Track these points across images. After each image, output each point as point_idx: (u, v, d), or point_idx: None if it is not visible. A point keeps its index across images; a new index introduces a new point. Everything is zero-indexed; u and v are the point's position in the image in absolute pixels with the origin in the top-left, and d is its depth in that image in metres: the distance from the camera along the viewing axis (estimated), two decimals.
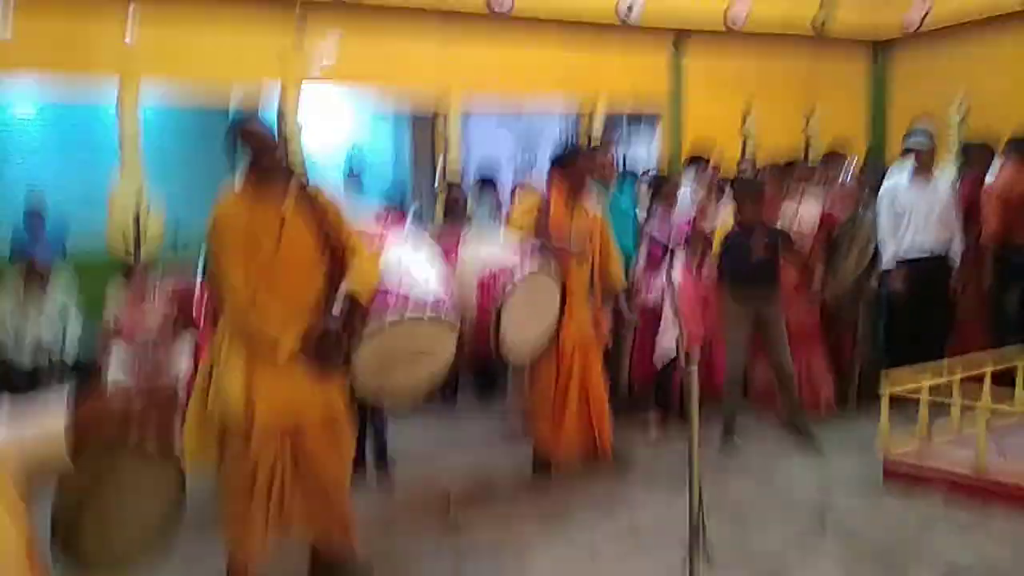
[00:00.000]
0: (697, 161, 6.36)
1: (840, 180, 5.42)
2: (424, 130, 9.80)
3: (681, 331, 2.38)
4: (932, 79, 8.19)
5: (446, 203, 5.69)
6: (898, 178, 5.39)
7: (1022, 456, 3.79)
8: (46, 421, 1.20)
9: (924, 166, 5.27)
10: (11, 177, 7.90)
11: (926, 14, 7.77)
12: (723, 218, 5.48)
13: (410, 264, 3.37)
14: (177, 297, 6.04)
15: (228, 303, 2.94)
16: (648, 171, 7.30)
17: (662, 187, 5.37)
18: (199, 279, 5.96)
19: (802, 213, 5.23)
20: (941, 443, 4.17)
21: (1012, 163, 5.33)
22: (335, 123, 9.93)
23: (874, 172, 5.97)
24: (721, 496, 3.98)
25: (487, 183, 6.40)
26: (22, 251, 6.46)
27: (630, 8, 7.63)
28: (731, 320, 4.76)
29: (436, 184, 7.61)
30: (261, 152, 2.91)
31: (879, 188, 5.46)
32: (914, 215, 5.23)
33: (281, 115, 6.61)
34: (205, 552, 3.13)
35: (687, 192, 5.97)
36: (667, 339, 4.91)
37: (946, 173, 5.56)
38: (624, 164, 10.95)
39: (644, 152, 11.23)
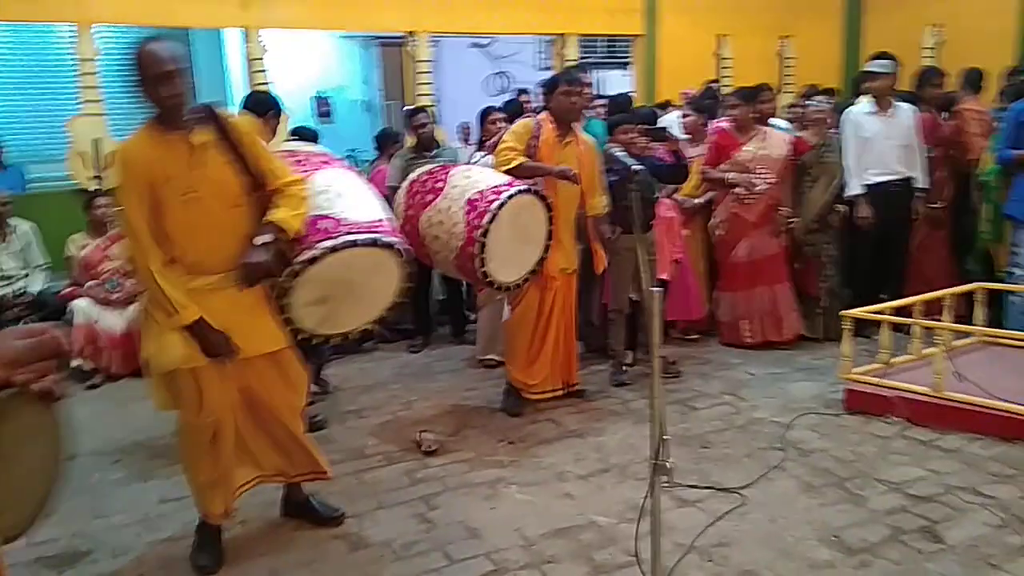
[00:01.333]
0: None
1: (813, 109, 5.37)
2: (393, 55, 9.57)
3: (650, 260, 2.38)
4: (907, 9, 8.13)
5: (413, 130, 5.60)
6: (860, 106, 5.38)
7: (979, 377, 3.88)
8: None
9: (882, 92, 5.25)
10: None
11: None
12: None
13: (343, 186, 3.14)
14: None
15: (130, 250, 2.69)
16: (625, 94, 7.22)
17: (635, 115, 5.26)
18: None
19: (771, 139, 5.19)
20: (901, 368, 4.28)
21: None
22: (301, 49, 9.66)
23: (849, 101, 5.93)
24: (687, 424, 4.09)
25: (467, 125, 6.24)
26: None
27: None
28: (618, 254, 4.63)
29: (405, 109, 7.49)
30: (162, 78, 2.58)
31: None
32: (876, 140, 5.23)
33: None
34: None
35: (674, 120, 5.93)
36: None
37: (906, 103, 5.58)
38: (600, 88, 10.84)
39: (619, 77, 11.08)
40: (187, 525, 3.15)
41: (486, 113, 5.70)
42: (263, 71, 6.75)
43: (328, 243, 2.84)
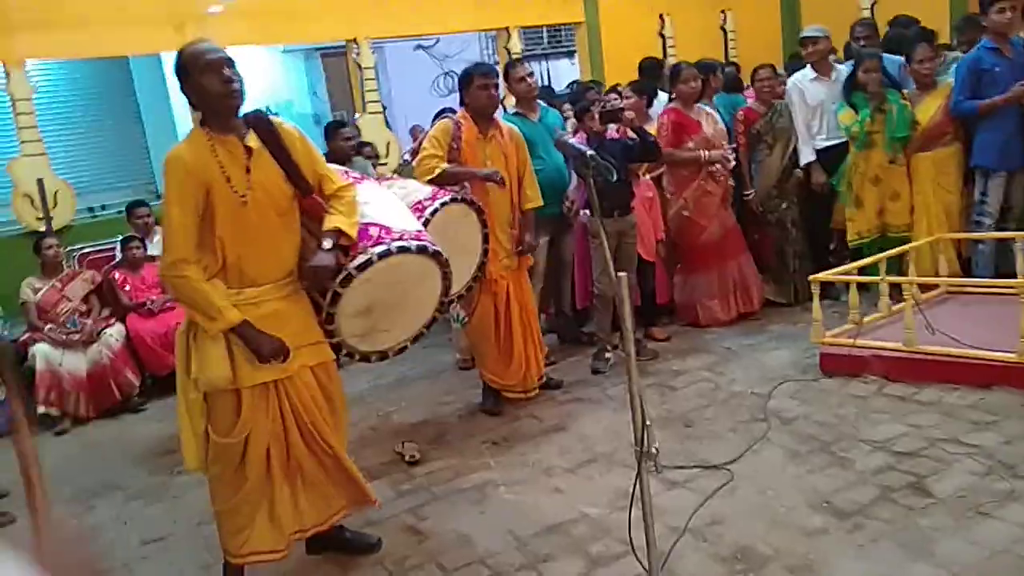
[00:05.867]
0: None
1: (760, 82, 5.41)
2: (338, 65, 9.45)
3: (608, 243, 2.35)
4: None
5: (336, 143, 5.32)
6: (803, 72, 5.43)
7: (950, 328, 3.91)
8: None
9: (819, 58, 5.31)
10: None
11: None
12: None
13: (385, 197, 3.12)
14: (98, 264, 5.84)
15: (166, 249, 2.57)
16: (573, 83, 7.20)
17: (582, 99, 5.24)
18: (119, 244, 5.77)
19: (712, 116, 5.20)
20: (872, 326, 4.31)
21: None
22: (243, 66, 9.51)
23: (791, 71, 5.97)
24: (668, 405, 4.08)
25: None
26: None
27: None
28: (597, 239, 4.58)
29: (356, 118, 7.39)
30: (210, 67, 2.52)
31: None
32: (824, 105, 5.27)
33: None
34: None
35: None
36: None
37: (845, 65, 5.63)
38: (548, 78, 10.82)
39: (567, 66, 11.07)
40: (170, 566, 3.08)
41: (440, 115, 5.61)
42: None
43: (380, 248, 2.76)
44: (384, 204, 3.04)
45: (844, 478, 3.13)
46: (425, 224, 3.54)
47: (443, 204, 3.58)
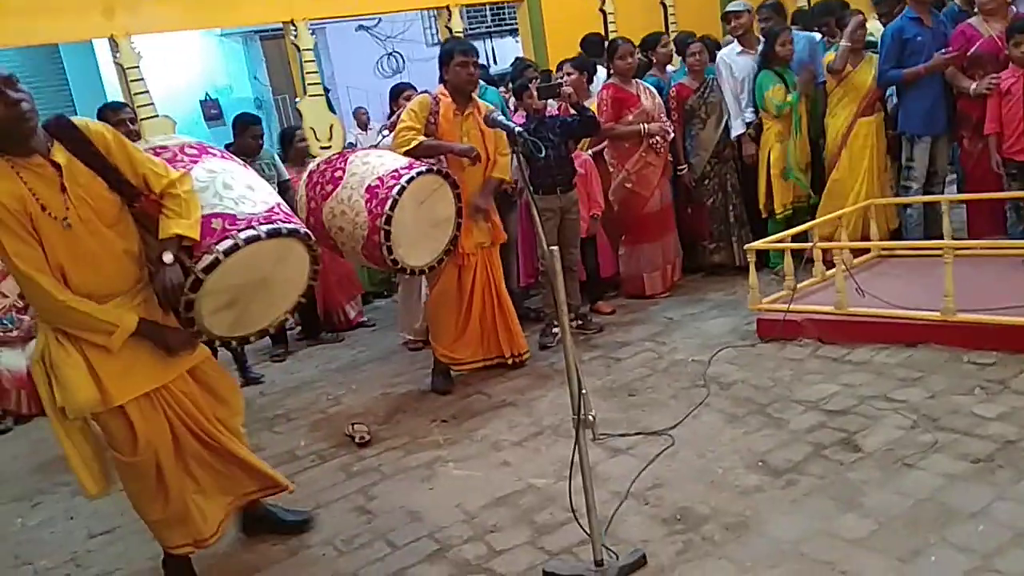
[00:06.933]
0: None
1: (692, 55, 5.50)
2: (278, 48, 9.31)
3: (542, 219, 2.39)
4: None
5: (243, 136, 5.34)
6: (730, 47, 5.53)
7: (879, 290, 4.06)
8: None
9: (743, 31, 5.42)
10: None
11: None
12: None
13: (227, 177, 2.82)
14: None
15: (30, 294, 2.46)
16: (517, 60, 7.21)
17: (520, 78, 5.26)
18: None
19: (649, 89, 5.26)
20: (807, 291, 4.46)
21: None
22: (181, 52, 9.31)
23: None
24: (612, 376, 4.17)
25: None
26: None
27: None
28: (541, 214, 4.65)
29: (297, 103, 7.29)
30: (12, 114, 2.26)
31: None
32: (749, 78, 5.34)
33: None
34: None
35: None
36: None
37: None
38: (493, 56, 10.82)
39: (511, 44, 11.07)
40: (119, 557, 3.08)
41: (398, 91, 5.59)
42: (140, 79, 6.45)
43: (226, 243, 2.58)
44: (229, 184, 2.79)
45: (778, 438, 3.24)
46: (400, 193, 3.56)
47: (419, 173, 3.67)
